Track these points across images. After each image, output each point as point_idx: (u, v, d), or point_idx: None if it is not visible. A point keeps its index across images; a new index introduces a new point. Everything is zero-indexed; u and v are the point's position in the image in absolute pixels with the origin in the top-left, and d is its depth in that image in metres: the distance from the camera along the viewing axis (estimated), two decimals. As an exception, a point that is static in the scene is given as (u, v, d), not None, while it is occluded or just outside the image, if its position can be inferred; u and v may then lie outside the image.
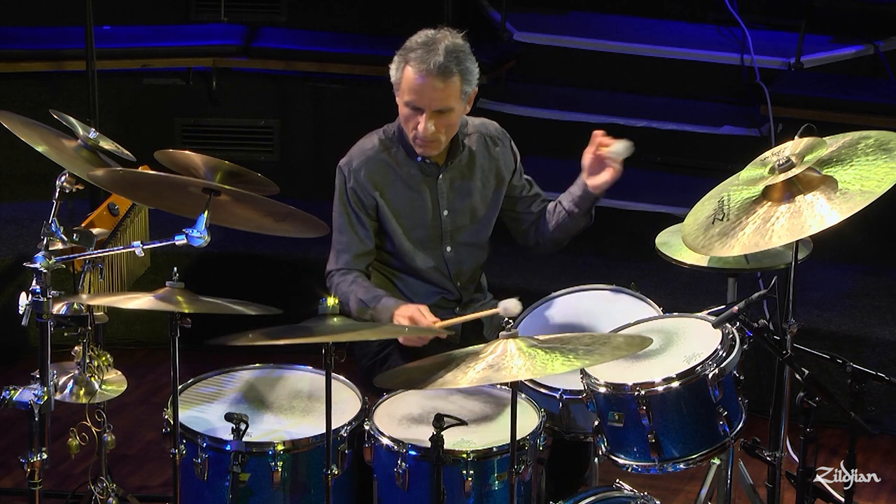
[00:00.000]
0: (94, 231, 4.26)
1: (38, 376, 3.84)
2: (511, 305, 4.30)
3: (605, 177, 4.56)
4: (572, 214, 4.64)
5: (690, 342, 4.16)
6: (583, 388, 4.10)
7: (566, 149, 7.04)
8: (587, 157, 4.56)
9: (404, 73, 4.42)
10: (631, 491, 4.13)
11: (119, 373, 4.22)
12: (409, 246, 4.59)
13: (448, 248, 4.63)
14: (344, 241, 4.58)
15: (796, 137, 4.00)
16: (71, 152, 4.17)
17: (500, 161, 4.67)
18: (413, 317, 4.32)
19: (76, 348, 4.10)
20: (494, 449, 4.01)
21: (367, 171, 4.56)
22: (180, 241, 3.80)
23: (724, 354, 4.06)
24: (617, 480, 4.20)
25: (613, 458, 4.09)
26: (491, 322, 4.71)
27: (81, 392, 4.08)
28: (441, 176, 4.59)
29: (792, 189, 3.92)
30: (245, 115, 7.11)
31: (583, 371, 4.06)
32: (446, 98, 4.41)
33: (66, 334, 4.06)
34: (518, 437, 3.90)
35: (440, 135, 4.46)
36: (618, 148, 4.49)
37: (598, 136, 4.54)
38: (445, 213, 4.61)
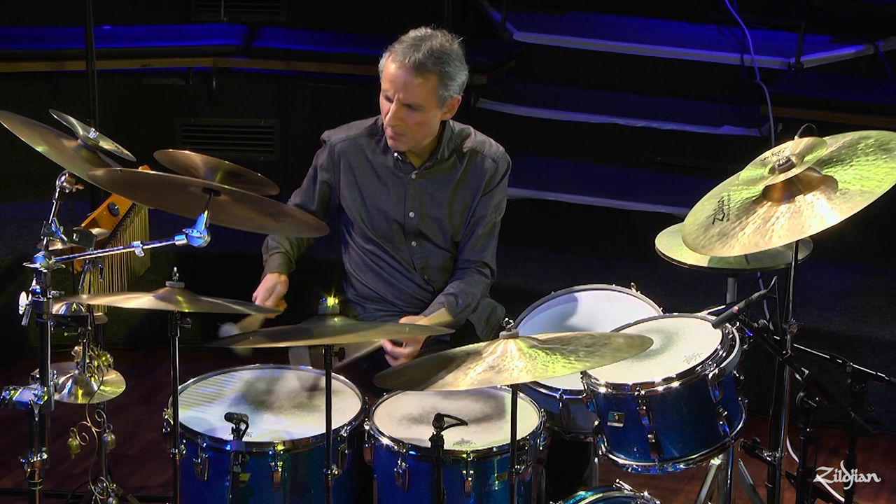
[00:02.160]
0: (94, 231, 4.25)
1: (37, 376, 3.84)
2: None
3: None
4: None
5: (690, 342, 4.16)
6: (583, 388, 4.10)
7: (566, 149, 7.09)
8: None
9: (386, 63, 4.47)
10: (631, 491, 4.13)
11: (118, 373, 4.21)
12: (371, 234, 4.62)
13: (413, 244, 4.64)
14: (300, 191, 4.71)
15: (796, 137, 3.99)
16: (71, 152, 4.17)
17: (483, 178, 4.63)
18: (258, 295, 4.47)
19: (76, 348, 4.10)
20: (494, 449, 4.01)
21: (342, 148, 4.61)
22: (180, 241, 3.80)
23: (724, 354, 4.05)
24: (617, 480, 4.20)
25: (613, 458, 4.09)
26: (488, 324, 4.72)
27: (80, 392, 4.08)
28: (412, 175, 4.59)
29: (792, 189, 3.92)
30: (245, 115, 7.11)
31: (583, 371, 4.06)
32: (417, 94, 4.42)
33: (66, 334, 4.05)
34: (518, 437, 3.90)
35: (407, 129, 4.47)
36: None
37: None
38: (411, 214, 4.60)
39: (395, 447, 4.03)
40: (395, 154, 4.57)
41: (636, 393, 3.99)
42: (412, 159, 4.59)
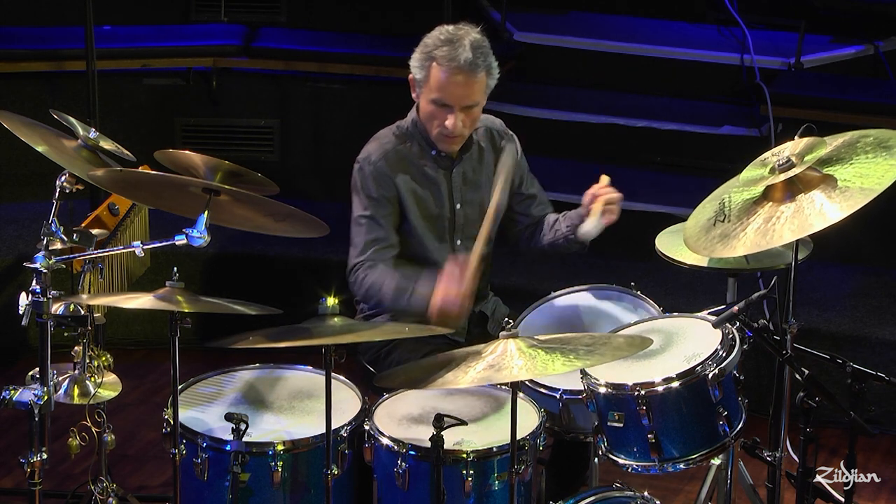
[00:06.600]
0: (94, 231, 4.25)
1: (37, 376, 3.84)
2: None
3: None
4: (568, 239, 4.63)
5: (690, 342, 4.16)
6: (583, 388, 4.10)
7: (566, 149, 7.09)
8: (587, 198, 4.58)
9: (431, 72, 4.41)
10: (631, 491, 4.13)
11: (114, 375, 4.21)
12: (423, 239, 4.58)
13: (458, 242, 4.62)
14: (369, 236, 4.52)
15: (796, 137, 4.00)
16: (71, 152, 4.17)
17: (505, 153, 4.66)
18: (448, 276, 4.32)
19: (76, 348, 4.10)
20: (494, 449, 4.01)
21: (387, 162, 4.52)
22: (180, 241, 3.80)
23: (724, 354, 4.05)
24: (617, 480, 4.20)
25: (613, 458, 4.09)
26: (493, 317, 4.72)
27: (76, 392, 4.08)
28: (455, 169, 4.59)
29: (793, 189, 3.92)
30: (245, 115, 7.11)
31: (583, 371, 4.06)
32: (474, 94, 4.42)
33: (66, 334, 4.05)
34: (518, 437, 3.90)
35: (465, 129, 4.48)
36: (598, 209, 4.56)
37: (604, 183, 4.56)
38: (459, 206, 4.60)
39: (395, 447, 4.03)
40: (434, 152, 4.56)
41: (636, 393, 3.99)
42: (451, 153, 4.58)
